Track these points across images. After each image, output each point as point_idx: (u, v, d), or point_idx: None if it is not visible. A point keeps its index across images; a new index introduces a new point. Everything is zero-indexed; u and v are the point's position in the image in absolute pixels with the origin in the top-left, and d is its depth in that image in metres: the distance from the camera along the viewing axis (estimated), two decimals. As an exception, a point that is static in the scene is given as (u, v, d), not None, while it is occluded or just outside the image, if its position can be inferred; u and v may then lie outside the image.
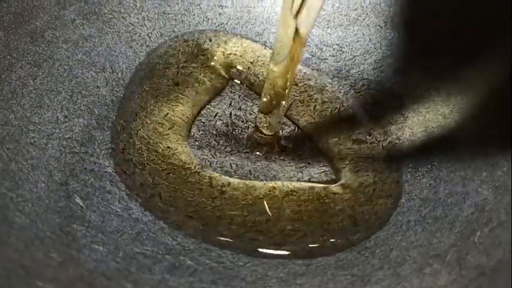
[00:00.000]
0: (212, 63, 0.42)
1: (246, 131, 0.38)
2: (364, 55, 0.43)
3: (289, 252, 0.31)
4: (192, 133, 0.37)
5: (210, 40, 0.43)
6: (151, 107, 0.38)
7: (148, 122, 0.37)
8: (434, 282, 0.29)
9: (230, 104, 0.40)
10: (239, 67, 0.42)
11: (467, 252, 0.30)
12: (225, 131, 0.38)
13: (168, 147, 0.36)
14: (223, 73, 0.41)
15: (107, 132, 0.36)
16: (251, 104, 0.40)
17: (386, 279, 0.30)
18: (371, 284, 0.29)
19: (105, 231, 0.31)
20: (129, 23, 0.43)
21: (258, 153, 0.37)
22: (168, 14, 0.44)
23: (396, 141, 0.38)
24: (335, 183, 0.35)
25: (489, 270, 0.29)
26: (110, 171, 0.34)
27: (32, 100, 0.36)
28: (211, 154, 0.36)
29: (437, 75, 0.39)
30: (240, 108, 0.40)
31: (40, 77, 0.37)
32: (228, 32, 0.44)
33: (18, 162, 0.33)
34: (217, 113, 0.39)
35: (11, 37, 0.38)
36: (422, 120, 0.38)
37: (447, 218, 0.32)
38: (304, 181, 0.35)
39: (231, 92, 0.41)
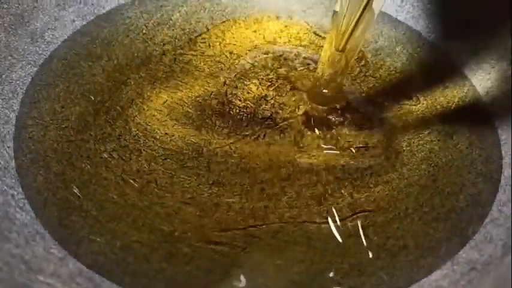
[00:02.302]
0: (211, 52, 0.43)
1: (244, 110, 0.39)
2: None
3: (286, 239, 0.33)
4: (190, 114, 0.39)
5: (208, 29, 0.45)
6: (148, 94, 0.40)
7: (145, 108, 0.39)
8: (427, 277, 0.31)
9: (225, 83, 0.41)
10: (237, 55, 0.43)
11: (460, 246, 0.32)
12: (222, 110, 0.40)
13: (166, 133, 0.38)
14: (222, 61, 0.43)
15: (102, 118, 0.38)
16: (248, 82, 0.41)
17: (382, 269, 0.32)
18: (366, 274, 0.32)
19: (102, 220, 0.33)
20: (127, 16, 0.45)
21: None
22: (166, 7, 0.46)
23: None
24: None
25: (480, 265, 0.31)
26: (106, 156, 0.36)
27: (30, 97, 0.38)
28: (209, 135, 0.38)
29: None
30: (236, 87, 0.41)
31: (39, 75, 0.40)
32: (225, 19, 0.46)
33: (19, 158, 0.35)
34: (212, 91, 0.41)
35: (12, 38, 0.40)
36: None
37: (444, 208, 0.35)
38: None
39: (226, 70, 0.42)
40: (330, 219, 0.34)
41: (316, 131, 0.38)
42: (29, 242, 0.31)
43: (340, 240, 0.33)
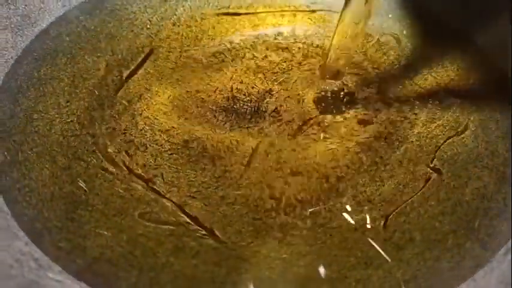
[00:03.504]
0: (215, 49, 0.44)
1: (248, 104, 0.40)
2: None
3: (292, 233, 0.33)
4: (195, 109, 0.39)
5: (214, 27, 0.45)
6: (156, 89, 0.40)
7: (154, 103, 0.39)
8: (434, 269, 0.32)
9: (230, 78, 0.42)
10: (242, 51, 0.44)
11: (466, 239, 0.32)
12: (226, 105, 0.40)
13: (173, 127, 0.38)
14: (227, 57, 0.43)
15: (107, 112, 0.38)
16: (253, 77, 0.42)
17: (388, 262, 0.32)
18: (373, 267, 0.32)
19: (108, 214, 0.33)
20: (131, 11, 0.45)
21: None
22: (170, 1, 0.46)
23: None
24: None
25: (485, 261, 0.31)
26: (111, 151, 0.36)
27: (36, 91, 0.39)
28: (213, 129, 0.38)
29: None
30: (241, 82, 0.41)
31: (44, 68, 0.40)
32: (230, 16, 0.46)
33: (24, 152, 0.35)
34: (217, 87, 0.41)
35: (19, 38, 0.41)
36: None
37: (450, 201, 0.35)
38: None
39: (231, 66, 0.42)
40: (335, 213, 0.34)
41: (321, 124, 0.39)
42: (38, 238, 0.31)
43: (346, 233, 0.33)
